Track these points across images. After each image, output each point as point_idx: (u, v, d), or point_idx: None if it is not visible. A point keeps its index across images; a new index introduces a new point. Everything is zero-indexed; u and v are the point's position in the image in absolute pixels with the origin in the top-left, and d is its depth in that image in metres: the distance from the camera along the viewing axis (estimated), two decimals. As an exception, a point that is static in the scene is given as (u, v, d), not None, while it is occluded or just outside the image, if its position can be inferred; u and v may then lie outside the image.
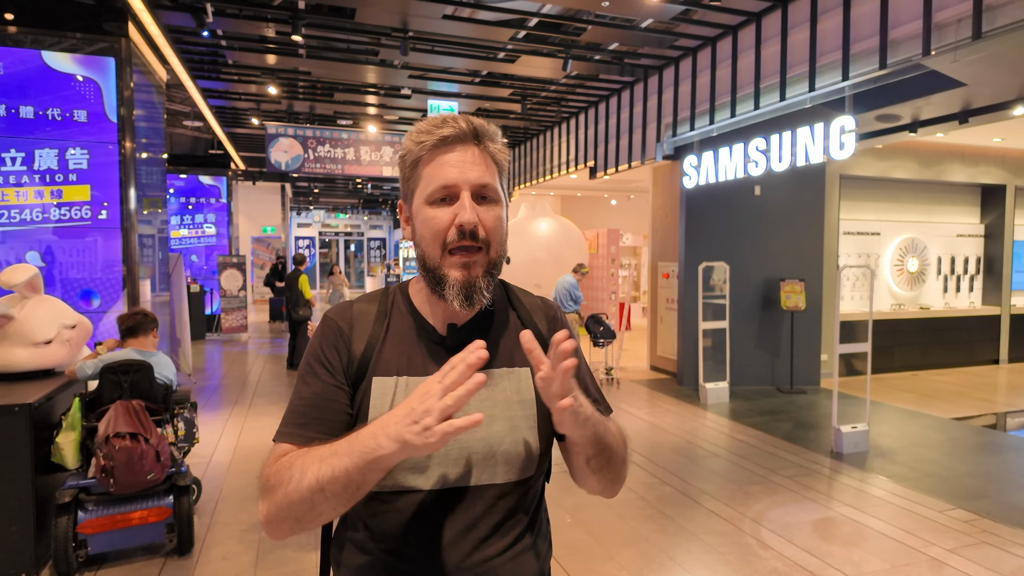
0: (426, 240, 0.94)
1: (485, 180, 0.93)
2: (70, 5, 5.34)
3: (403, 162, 0.98)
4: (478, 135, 0.95)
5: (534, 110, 9.62)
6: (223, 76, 7.99)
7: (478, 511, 0.93)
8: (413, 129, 0.96)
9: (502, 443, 0.94)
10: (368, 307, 1.03)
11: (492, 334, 1.02)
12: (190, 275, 12.81)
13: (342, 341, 0.98)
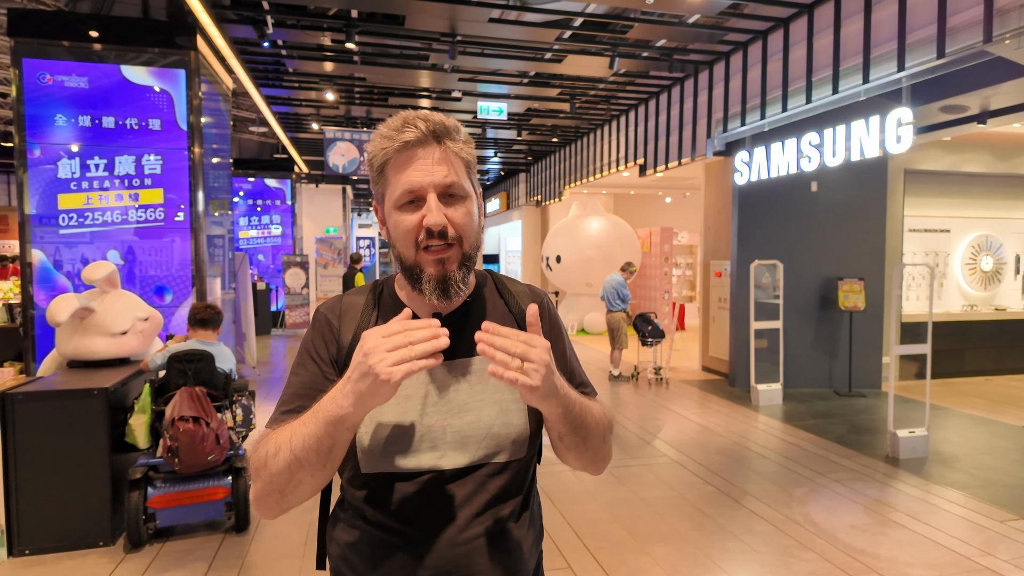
0: (400, 242, 0.97)
1: (450, 179, 0.95)
2: (146, 22, 5.77)
3: (370, 166, 1.00)
4: (438, 135, 0.95)
5: (583, 109, 9.63)
6: (285, 84, 8.39)
7: (470, 490, 0.97)
8: (376, 133, 0.98)
9: (492, 426, 0.98)
10: (357, 299, 1.08)
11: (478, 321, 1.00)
12: (257, 273, 13.48)
13: (331, 332, 1.03)
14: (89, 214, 5.59)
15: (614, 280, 7.98)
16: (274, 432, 0.91)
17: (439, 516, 0.96)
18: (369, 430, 0.96)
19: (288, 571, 3.10)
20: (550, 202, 14.20)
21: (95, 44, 5.55)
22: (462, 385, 1.00)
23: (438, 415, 0.98)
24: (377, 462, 0.96)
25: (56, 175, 5.53)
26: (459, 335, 1.00)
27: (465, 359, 1.01)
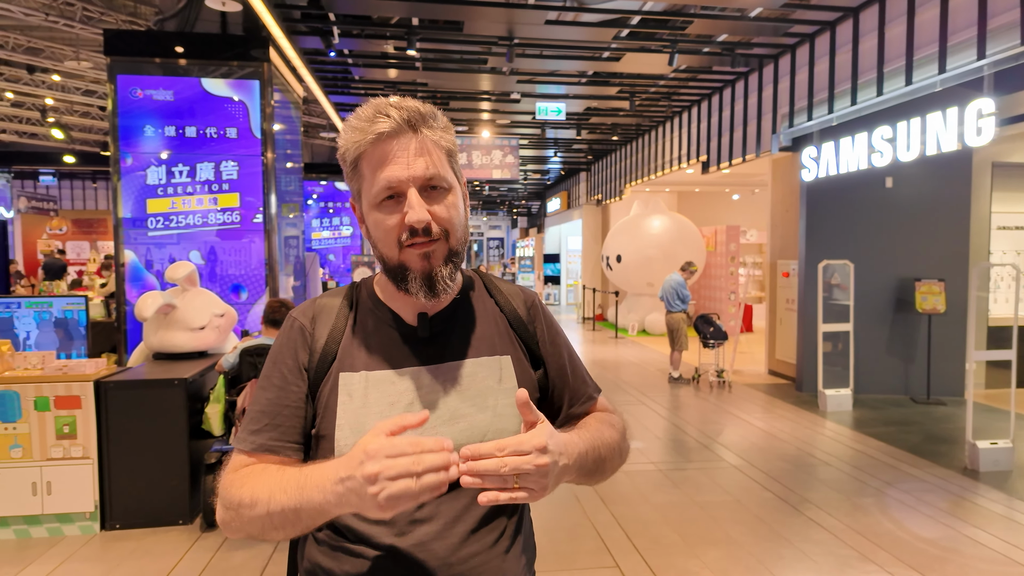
0: (381, 241, 0.90)
1: (430, 172, 0.87)
2: (225, 37, 6.16)
3: (343, 160, 0.91)
4: (414, 124, 0.87)
5: (644, 106, 9.52)
6: (352, 91, 8.74)
7: (464, 504, 0.89)
8: (346, 124, 0.89)
9: (486, 433, 0.91)
10: (333, 300, 1.00)
11: (467, 322, 0.99)
12: (328, 272, 14.07)
13: (303, 339, 0.95)
14: (174, 217, 6.03)
15: (673, 280, 7.86)
16: (250, 477, 0.85)
17: (431, 534, 0.87)
18: (349, 443, 0.87)
19: (346, 556, 3.27)
20: (611, 201, 14.09)
21: (180, 60, 5.98)
22: (451, 391, 0.92)
23: (428, 423, 0.90)
24: None
25: (145, 182, 6.00)
26: (447, 336, 0.96)
27: (453, 363, 0.95)
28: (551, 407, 1.06)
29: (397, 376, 0.92)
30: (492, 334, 0.99)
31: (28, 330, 3.85)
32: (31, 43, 8.14)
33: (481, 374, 0.95)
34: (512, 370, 0.98)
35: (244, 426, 0.93)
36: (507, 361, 0.98)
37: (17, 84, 9.49)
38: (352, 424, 0.89)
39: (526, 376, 1.00)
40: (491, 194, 20.84)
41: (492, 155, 9.61)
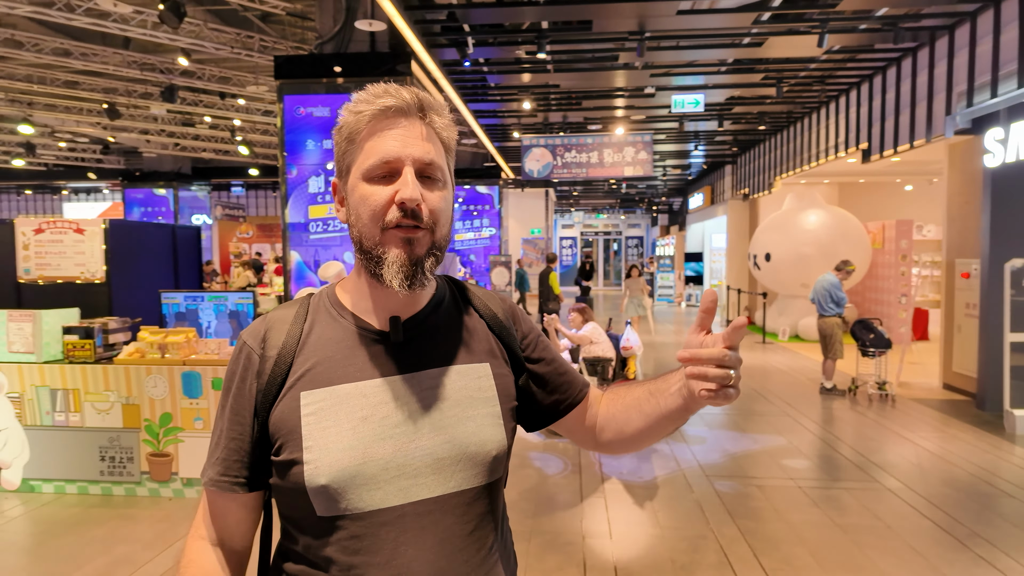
0: (362, 220, 0.83)
1: (431, 157, 0.84)
2: (374, 55, 6.69)
3: (339, 134, 0.87)
4: (423, 107, 0.85)
5: (793, 92, 8.81)
6: (489, 98, 9.07)
7: (448, 522, 0.84)
8: (350, 100, 0.86)
9: (468, 445, 0.86)
10: (286, 312, 0.92)
11: (443, 328, 0.93)
12: (469, 272, 14.74)
13: (249, 364, 0.88)
14: (331, 222, 6.69)
15: (827, 281, 7.19)
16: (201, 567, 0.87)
17: (419, 556, 0.81)
18: (320, 465, 0.80)
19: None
20: (759, 195, 13.21)
21: (338, 79, 6.62)
22: (431, 401, 0.86)
23: (404, 438, 0.83)
24: (334, 503, 0.80)
25: (307, 190, 6.72)
26: (421, 342, 0.89)
27: (432, 370, 0.88)
28: (542, 408, 1.03)
29: (369, 387, 0.85)
30: (470, 340, 0.94)
31: (209, 320, 4.51)
32: (221, 73, 9.45)
33: (461, 382, 0.89)
34: (492, 379, 0.92)
35: (209, 457, 0.89)
36: (485, 369, 0.92)
37: (212, 109, 11.08)
38: (321, 445, 0.81)
39: (506, 382, 0.95)
40: (629, 191, 20.48)
41: (624, 152, 9.46)
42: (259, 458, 0.87)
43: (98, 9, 6.90)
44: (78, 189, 21.45)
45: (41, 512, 3.84)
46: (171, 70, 9.02)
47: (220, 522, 0.89)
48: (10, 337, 4.15)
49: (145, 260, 6.77)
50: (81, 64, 8.56)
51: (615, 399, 1.02)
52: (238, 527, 0.90)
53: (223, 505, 0.89)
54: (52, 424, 4.08)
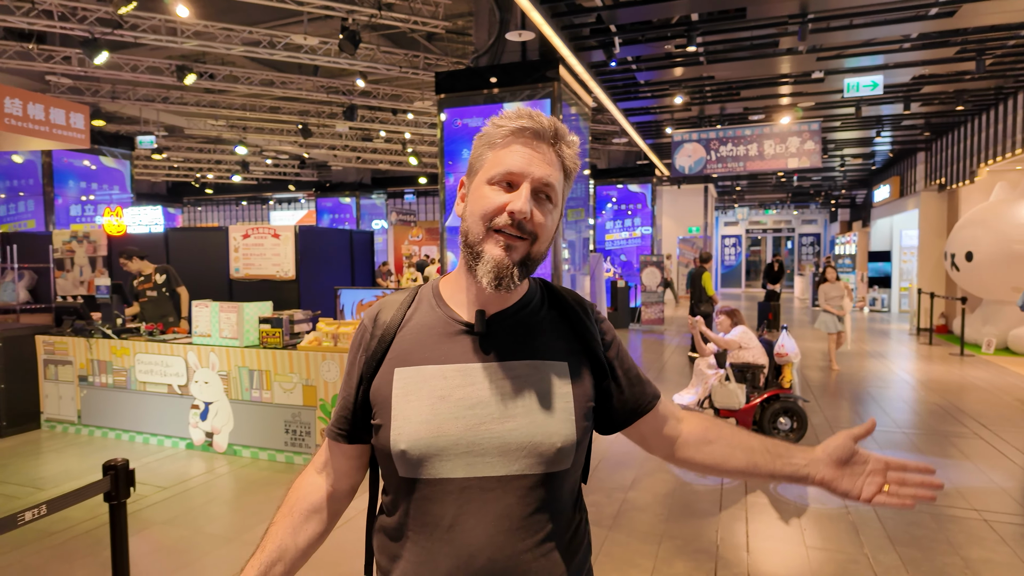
0: (474, 217, 0.94)
1: (549, 179, 0.93)
2: (524, 64, 6.95)
3: (478, 140, 0.98)
4: (557, 136, 0.95)
5: (1000, 65, 7.55)
6: (640, 95, 8.95)
7: (509, 501, 0.91)
8: (495, 116, 0.97)
9: (535, 435, 0.92)
10: (396, 298, 1.06)
11: (527, 326, 1.01)
12: (620, 272, 14.62)
13: (364, 338, 1.03)
14: (481, 224, 7.09)
15: (1040, 284, 6.08)
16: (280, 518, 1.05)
17: (479, 526, 0.90)
18: (402, 433, 0.92)
19: (596, 538, 3.48)
20: (959, 185, 11.47)
21: (494, 89, 6.98)
22: (504, 390, 0.94)
23: (475, 419, 0.92)
24: (412, 467, 0.93)
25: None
26: (504, 337, 0.98)
27: (509, 363, 0.96)
28: (616, 412, 1.08)
29: (450, 371, 0.95)
30: (551, 339, 1.00)
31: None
32: (393, 91, 10.42)
33: (536, 377, 0.96)
34: (568, 377, 0.98)
35: (332, 416, 1.07)
36: (564, 367, 0.98)
37: (386, 124, 12.23)
38: (404, 416, 0.93)
39: (585, 384, 1.01)
40: (802, 184, 18.83)
41: (788, 143, 8.75)
42: (360, 418, 1.01)
43: (293, 44, 7.99)
44: (281, 199, 24.83)
45: (240, 472, 4.59)
46: (351, 91, 10.13)
47: (329, 464, 1.08)
48: (220, 325, 5.00)
49: (327, 261, 7.70)
50: (281, 92, 9.95)
51: (714, 430, 1.09)
52: (340, 471, 1.07)
53: (332, 451, 1.07)
54: (250, 399, 4.85)
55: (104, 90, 10.26)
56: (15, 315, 6.72)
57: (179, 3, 6.62)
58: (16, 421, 5.54)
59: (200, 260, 7.28)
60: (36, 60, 8.24)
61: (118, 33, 7.26)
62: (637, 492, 4.13)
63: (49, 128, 6.90)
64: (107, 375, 5.41)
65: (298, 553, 1.03)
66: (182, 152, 15.93)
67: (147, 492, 4.17)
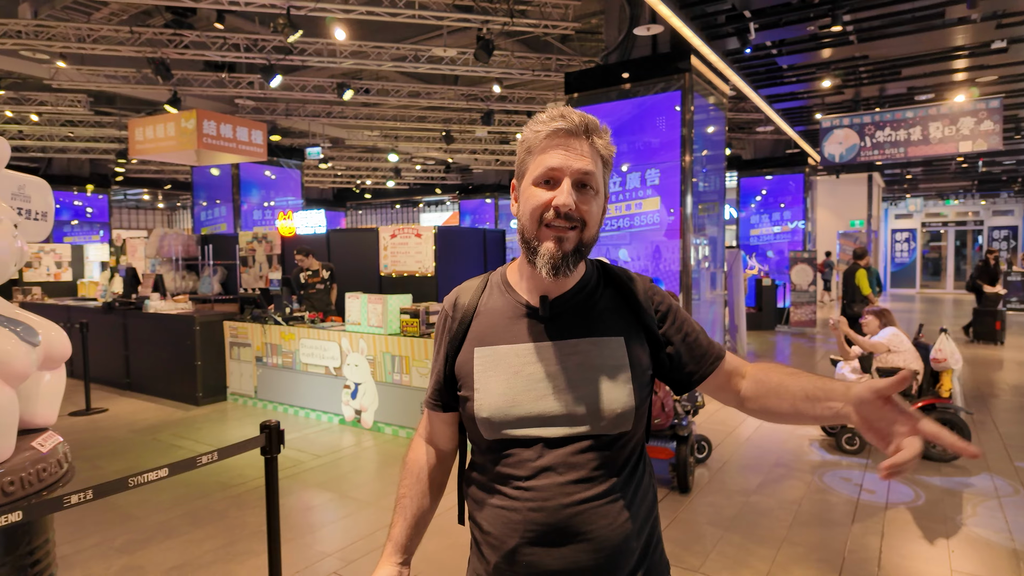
0: (526, 215, 1.06)
1: (588, 169, 1.03)
2: (656, 57, 6.87)
3: (520, 146, 1.09)
4: (588, 130, 1.04)
5: None
6: (784, 80, 8.41)
7: (576, 458, 1.05)
8: (532, 121, 1.07)
9: (596, 401, 1.05)
10: (471, 284, 1.20)
11: (586, 306, 1.12)
12: (765, 269, 13.75)
13: (447, 321, 1.18)
14: (610, 221, 7.12)
15: None
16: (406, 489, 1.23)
17: (549, 481, 1.04)
18: (484, 403, 1.08)
19: (711, 538, 3.43)
20: None
21: (625, 84, 6.97)
22: (569, 365, 1.07)
23: (544, 390, 1.06)
24: (494, 430, 1.08)
25: (590, 193, 7.27)
26: (566, 317, 1.10)
27: (572, 340, 1.09)
28: (680, 376, 1.17)
29: (521, 349, 1.09)
30: (608, 317, 1.12)
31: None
32: (527, 94, 10.75)
33: (595, 352, 1.08)
34: (625, 350, 1.09)
35: (428, 390, 1.22)
36: (620, 342, 1.09)
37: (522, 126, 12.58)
38: (485, 388, 1.08)
39: (641, 356, 1.11)
40: (990, 170, 16.37)
41: (959, 124, 7.68)
42: (450, 390, 1.17)
43: (435, 56, 8.58)
44: (429, 202, 26.49)
45: (383, 446, 5.10)
46: (488, 97, 10.61)
47: (430, 430, 1.26)
48: (368, 315, 5.57)
49: (462, 258, 8.18)
50: (426, 102, 10.70)
51: (763, 383, 1.13)
52: (440, 435, 1.25)
53: (432, 419, 1.25)
54: (392, 382, 5.36)
55: (280, 108, 11.72)
56: (210, 304, 7.97)
57: (337, 27, 7.42)
58: (209, 393, 6.59)
59: (355, 257, 8.09)
60: (227, 86, 9.66)
61: (288, 59, 8.29)
62: (761, 496, 3.98)
63: (236, 144, 8.08)
64: (277, 357, 6.25)
65: (430, 510, 1.24)
66: (344, 161, 17.65)
67: (305, 459, 4.79)
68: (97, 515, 3.70)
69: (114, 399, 6.82)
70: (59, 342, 1.94)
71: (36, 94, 10.49)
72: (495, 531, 1.08)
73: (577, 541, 1.03)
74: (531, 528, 1.04)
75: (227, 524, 3.62)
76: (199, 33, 7.76)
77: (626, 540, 1.06)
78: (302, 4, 6.54)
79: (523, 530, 1.04)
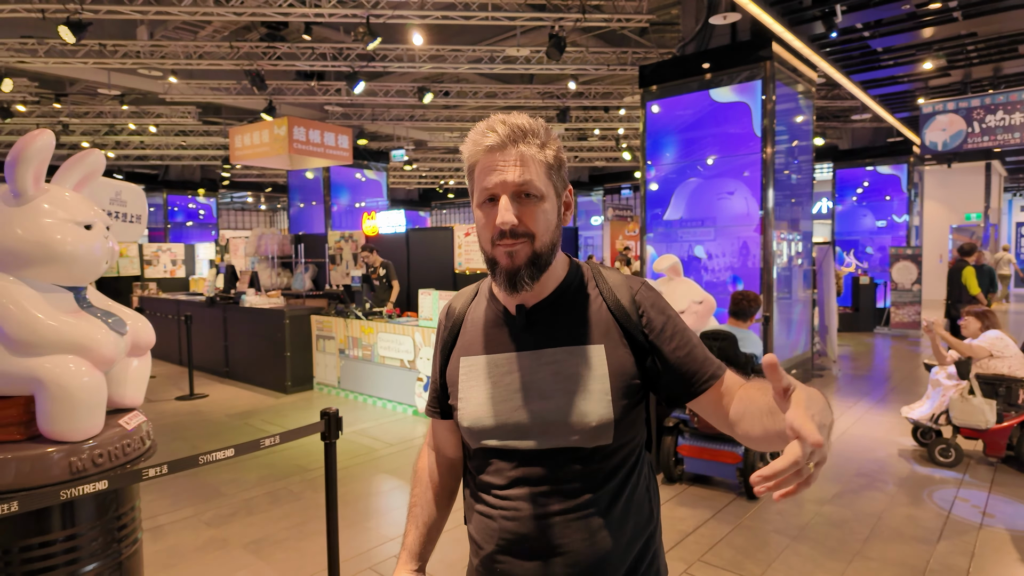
0: (481, 238, 1.05)
1: (522, 179, 0.99)
2: (735, 45, 6.60)
3: (465, 167, 1.08)
4: (515, 139, 1.00)
5: None
6: (881, 64, 7.83)
7: (550, 471, 1.04)
8: (467, 138, 1.05)
9: (571, 413, 1.02)
10: (466, 291, 1.21)
11: (565, 313, 1.09)
12: (863, 267, 12.85)
13: (440, 330, 1.20)
14: (687, 219, 6.93)
15: None
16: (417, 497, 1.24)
17: (523, 491, 1.04)
18: (465, 412, 1.09)
19: (776, 546, 3.29)
20: None
21: (706, 75, 6.73)
22: (544, 374, 1.05)
23: (521, 401, 1.05)
24: (475, 439, 1.09)
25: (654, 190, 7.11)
26: (544, 325, 1.08)
27: (548, 350, 1.06)
28: (668, 390, 1.07)
29: (500, 359, 1.09)
30: (589, 323, 1.07)
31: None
32: (604, 89, 10.63)
33: (571, 361, 1.05)
34: (604, 358, 1.04)
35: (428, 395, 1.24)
36: (599, 350, 1.05)
37: (600, 122, 12.50)
38: (467, 398, 1.10)
39: (623, 364, 1.05)
40: None
41: (1087, 105, 6.81)
42: (444, 397, 1.18)
43: (509, 56, 8.68)
44: (511, 200, 26.66)
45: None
46: (564, 94, 10.60)
47: (435, 437, 1.26)
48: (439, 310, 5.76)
49: (536, 255, 8.23)
50: (503, 102, 10.84)
51: (747, 399, 1.00)
52: (445, 442, 1.24)
53: (435, 426, 1.25)
54: (460, 377, 5.51)
55: (366, 114, 12.27)
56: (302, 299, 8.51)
57: (415, 32, 7.68)
58: (297, 382, 7.04)
59: (432, 255, 8.36)
60: (317, 94, 10.23)
61: (371, 65, 8.67)
62: (836, 507, 3.77)
63: (323, 149, 8.55)
64: (358, 349, 6.57)
65: (441, 517, 1.25)
66: (428, 162, 18.20)
67: (378, 447, 5.02)
68: (192, 491, 4.08)
69: (214, 385, 7.43)
70: (144, 332, 2.17)
71: (153, 107, 11.57)
72: (477, 537, 1.11)
73: (551, 554, 1.03)
74: (505, 537, 1.05)
75: (302, 504, 3.88)
76: (290, 45, 8.28)
77: (605, 556, 1.03)
78: (381, 12, 6.83)
79: (498, 538, 1.06)
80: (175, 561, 3.19)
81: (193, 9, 6.76)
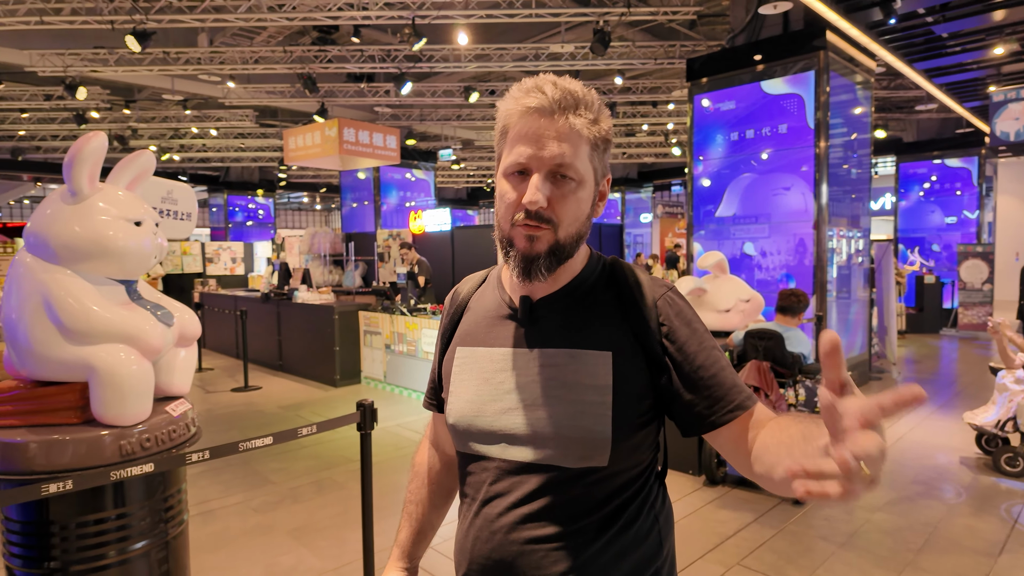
0: (499, 213, 0.92)
1: (562, 159, 0.86)
2: (788, 35, 6.39)
3: (497, 123, 0.94)
4: (563, 106, 0.86)
5: None
6: (947, 51, 7.42)
7: (531, 488, 0.90)
8: (507, 93, 0.92)
9: (563, 427, 0.88)
10: (474, 277, 1.10)
11: (575, 312, 0.94)
12: (928, 265, 12.21)
13: (447, 308, 1.09)
14: (740, 215, 6.75)
15: None
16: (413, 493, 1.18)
17: (499, 509, 0.92)
18: (452, 408, 0.98)
19: (821, 553, 3.18)
20: None
21: (757, 67, 6.53)
22: (540, 377, 0.91)
23: (510, 404, 0.92)
24: (461, 442, 0.98)
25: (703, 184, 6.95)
26: (548, 323, 0.94)
27: (549, 350, 0.92)
28: (683, 416, 0.91)
29: (496, 354, 0.96)
30: (599, 327, 0.92)
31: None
32: (652, 84, 10.45)
33: (573, 367, 0.90)
34: (610, 368, 0.89)
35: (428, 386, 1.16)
36: (606, 358, 0.90)
37: (648, 117, 12.31)
38: (456, 393, 0.98)
39: (632, 378, 0.90)
40: None
41: None
42: (441, 389, 1.07)
43: (554, 53, 8.66)
44: (559, 197, 26.59)
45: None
46: (611, 90, 10.48)
47: (434, 431, 1.19)
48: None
49: (580, 253, 8.18)
50: (549, 98, 10.80)
51: (777, 428, 0.81)
52: (443, 436, 1.16)
53: (433, 419, 1.18)
54: (501, 373, 5.53)
55: (414, 114, 12.47)
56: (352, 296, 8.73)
57: (460, 32, 7.75)
58: (346, 375, 7.23)
59: (476, 253, 8.43)
60: (367, 96, 10.47)
61: (418, 66, 8.80)
62: (888, 515, 3.60)
63: (372, 149, 8.74)
64: (403, 344, 6.70)
65: (437, 516, 1.18)
66: (475, 161, 18.33)
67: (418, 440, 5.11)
68: (243, 479, 4.25)
69: (268, 378, 7.72)
70: (191, 324, 2.27)
71: (213, 111, 12.10)
72: (456, 555, 1.00)
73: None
74: (477, 558, 0.93)
75: (345, 494, 3.99)
76: (340, 48, 8.50)
77: None
78: (426, 13, 6.93)
79: (470, 558, 0.94)
80: (223, 544, 3.33)
81: (248, 16, 7.03)
